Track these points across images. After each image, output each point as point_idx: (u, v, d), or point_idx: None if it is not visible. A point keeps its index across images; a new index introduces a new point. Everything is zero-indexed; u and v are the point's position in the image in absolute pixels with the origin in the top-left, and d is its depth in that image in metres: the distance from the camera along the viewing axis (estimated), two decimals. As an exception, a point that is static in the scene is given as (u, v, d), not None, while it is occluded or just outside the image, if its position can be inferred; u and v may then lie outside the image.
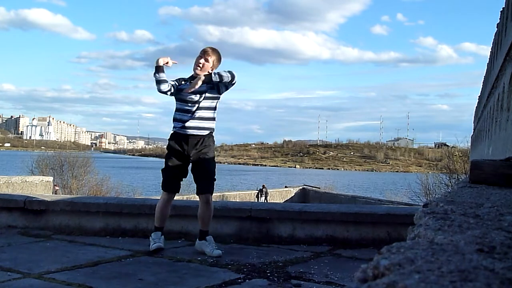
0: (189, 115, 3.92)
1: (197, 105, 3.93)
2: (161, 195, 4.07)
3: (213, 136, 4.05)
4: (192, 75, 4.00)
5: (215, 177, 4.04)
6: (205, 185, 3.95)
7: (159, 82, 3.92)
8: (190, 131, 3.91)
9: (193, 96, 3.92)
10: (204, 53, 3.97)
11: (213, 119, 4.01)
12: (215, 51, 4.02)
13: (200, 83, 3.84)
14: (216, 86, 3.93)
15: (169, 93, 3.96)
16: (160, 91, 3.93)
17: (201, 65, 3.92)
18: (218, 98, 4.02)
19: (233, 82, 3.96)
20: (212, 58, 3.95)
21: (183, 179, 4.08)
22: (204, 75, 3.85)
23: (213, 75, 3.84)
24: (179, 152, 3.95)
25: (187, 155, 3.95)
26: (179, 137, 3.94)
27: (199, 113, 3.92)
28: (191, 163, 4.00)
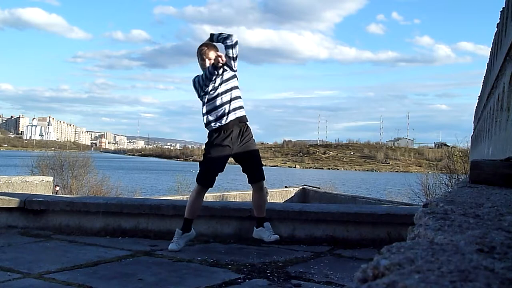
0: (222, 107, 3.94)
1: (223, 94, 3.97)
2: (195, 188, 4.05)
3: (250, 127, 4.11)
4: None
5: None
6: (258, 172, 4.07)
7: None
8: (229, 119, 3.94)
9: (215, 89, 3.96)
10: (202, 54, 4.00)
11: (240, 97, 4.05)
12: (209, 45, 4.05)
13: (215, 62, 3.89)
14: (227, 65, 3.98)
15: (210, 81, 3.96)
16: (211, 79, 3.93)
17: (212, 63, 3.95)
18: (235, 76, 4.06)
19: (234, 44, 3.98)
20: (211, 53, 3.98)
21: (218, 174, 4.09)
22: (212, 63, 3.91)
23: (214, 38, 3.99)
24: (222, 146, 3.95)
25: (230, 149, 3.96)
26: (221, 131, 3.95)
27: (227, 97, 3.96)
28: (235, 156, 4.03)
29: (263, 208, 4.10)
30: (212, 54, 3.96)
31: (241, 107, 4.04)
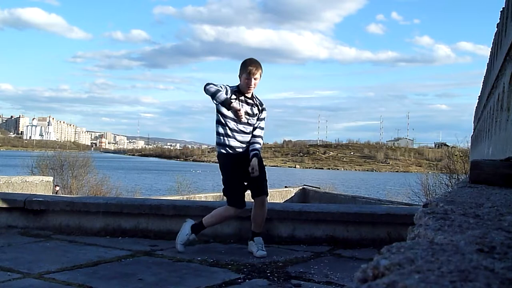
0: (242, 136, 4.02)
1: (248, 128, 4.04)
2: (230, 211, 4.04)
3: None
4: (239, 90, 4.03)
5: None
6: (262, 187, 4.08)
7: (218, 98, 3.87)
8: (246, 152, 4.02)
9: (245, 124, 4.03)
10: (252, 74, 3.97)
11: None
12: (259, 65, 4.05)
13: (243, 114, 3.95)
14: (257, 118, 4.11)
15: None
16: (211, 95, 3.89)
17: (253, 86, 4.01)
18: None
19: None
20: (259, 73, 4.03)
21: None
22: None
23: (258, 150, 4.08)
24: (241, 170, 3.99)
25: (245, 170, 3.99)
26: (238, 157, 4.00)
27: (249, 137, 4.06)
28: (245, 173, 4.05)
29: (260, 223, 4.07)
30: (258, 75, 4.02)
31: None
